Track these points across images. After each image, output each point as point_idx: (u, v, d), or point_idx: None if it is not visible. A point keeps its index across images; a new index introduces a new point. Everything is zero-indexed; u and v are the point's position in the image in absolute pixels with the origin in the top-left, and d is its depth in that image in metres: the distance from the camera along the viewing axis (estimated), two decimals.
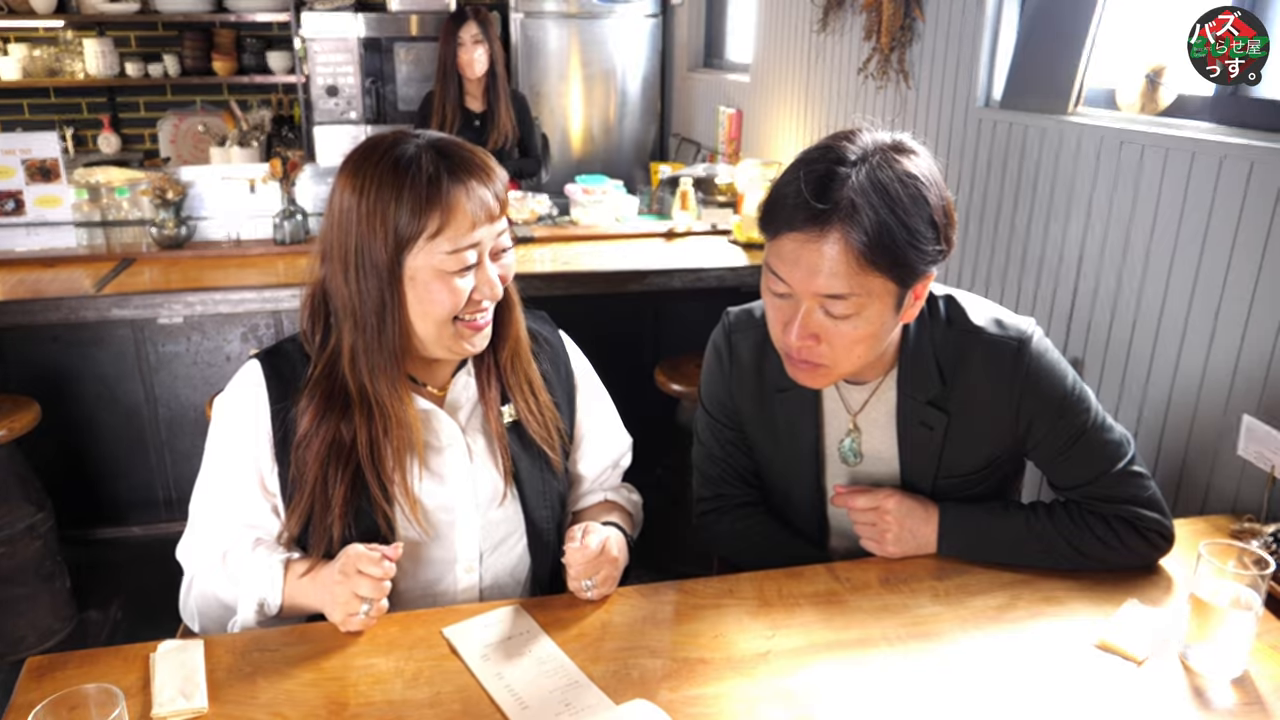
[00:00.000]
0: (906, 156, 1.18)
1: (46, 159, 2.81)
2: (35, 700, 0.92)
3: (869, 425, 1.40)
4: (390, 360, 1.23)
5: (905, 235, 1.14)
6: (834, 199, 1.14)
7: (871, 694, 1.08)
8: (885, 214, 1.13)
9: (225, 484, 1.28)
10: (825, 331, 1.21)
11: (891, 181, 1.15)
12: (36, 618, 2.53)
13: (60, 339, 2.85)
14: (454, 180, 1.18)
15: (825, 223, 1.14)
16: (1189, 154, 1.76)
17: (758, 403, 1.43)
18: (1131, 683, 1.11)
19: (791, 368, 1.28)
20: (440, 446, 1.31)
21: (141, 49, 5.30)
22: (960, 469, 1.37)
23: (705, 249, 3.05)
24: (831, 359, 1.24)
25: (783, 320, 1.24)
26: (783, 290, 1.22)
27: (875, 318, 1.20)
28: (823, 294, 1.18)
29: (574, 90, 4.88)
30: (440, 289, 1.20)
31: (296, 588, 1.22)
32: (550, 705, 1.06)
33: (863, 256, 1.14)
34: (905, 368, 1.34)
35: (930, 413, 1.34)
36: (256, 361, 1.29)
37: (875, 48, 2.83)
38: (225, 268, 2.82)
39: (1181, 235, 1.79)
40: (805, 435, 1.41)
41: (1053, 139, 2.12)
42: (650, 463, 1.46)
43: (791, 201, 1.17)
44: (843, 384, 1.39)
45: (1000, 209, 2.32)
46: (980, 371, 1.31)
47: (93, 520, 3.02)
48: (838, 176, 1.15)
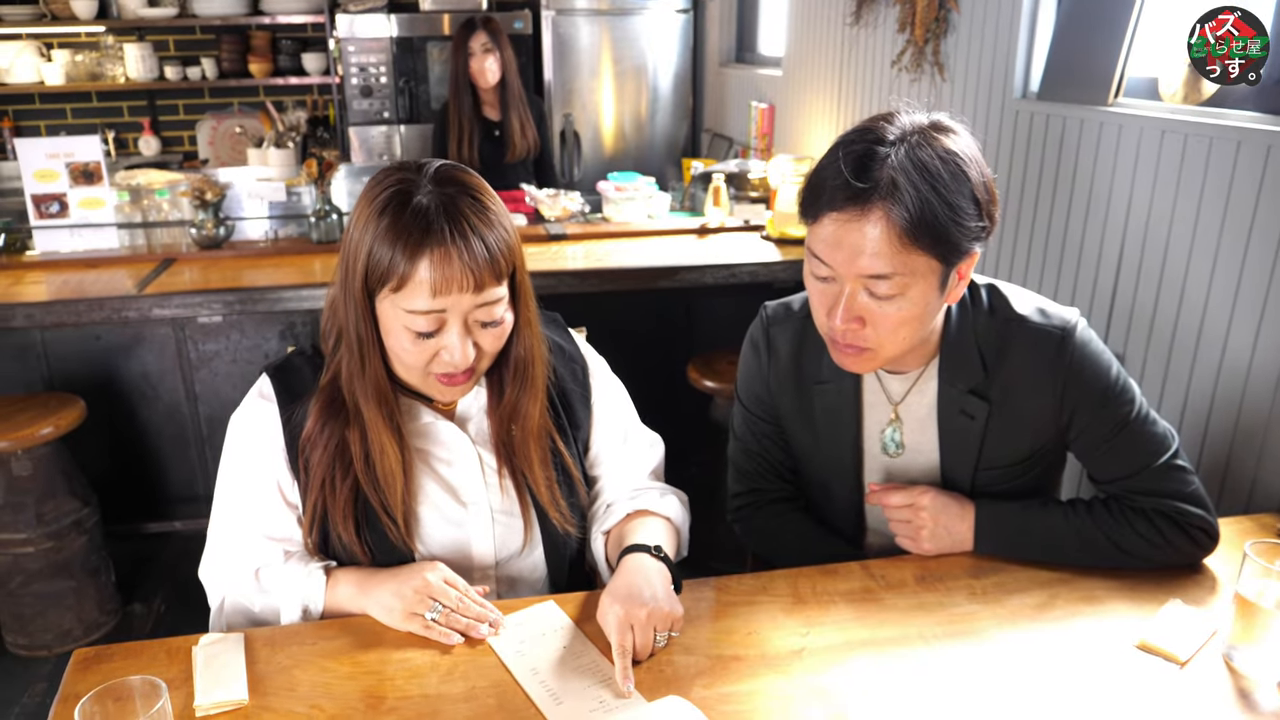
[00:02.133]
0: (946, 135, 1.18)
1: (89, 162, 2.86)
2: (82, 691, 0.95)
3: (910, 416, 1.38)
4: (374, 392, 1.21)
5: (947, 211, 1.14)
6: (874, 178, 1.13)
7: (907, 693, 1.07)
8: (926, 191, 1.12)
9: (246, 498, 1.26)
10: (870, 314, 1.20)
11: (931, 159, 1.14)
12: (83, 611, 2.58)
13: (103, 338, 2.90)
14: (429, 238, 1.10)
15: (866, 202, 1.14)
16: (1234, 143, 1.73)
17: (797, 396, 1.43)
18: (1173, 685, 1.09)
19: (836, 353, 1.28)
20: (450, 458, 1.29)
21: (180, 53, 5.38)
22: (1001, 460, 1.35)
23: (738, 245, 3.04)
24: (876, 342, 1.23)
25: (826, 305, 1.23)
26: (825, 274, 1.21)
27: (919, 298, 1.19)
28: (866, 275, 1.17)
29: (605, 87, 4.88)
30: (404, 341, 1.16)
31: (342, 593, 1.22)
32: (585, 701, 1.06)
33: (905, 234, 1.13)
34: (947, 356, 1.33)
35: (972, 401, 1.32)
36: (265, 376, 1.29)
37: (909, 40, 2.81)
38: (262, 267, 2.85)
39: (1227, 226, 1.75)
40: (845, 427, 1.39)
41: (1092, 130, 2.09)
42: (683, 460, 1.46)
43: (831, 183, 1.16)
44: (883, 374, 1.38)
45: (1038, 201, 2.28)
46: (1023, 360, 1.30)
47: (137, 515, 3.08)
48: (877, 156, 1.14)
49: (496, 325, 1.18)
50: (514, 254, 1.18)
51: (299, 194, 3.21)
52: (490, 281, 1.14)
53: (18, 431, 2.38)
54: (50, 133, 5.33)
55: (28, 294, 2.58)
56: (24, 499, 2.44)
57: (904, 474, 1.40)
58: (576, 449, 1.37)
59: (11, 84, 5.09)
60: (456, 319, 1.14)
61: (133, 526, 3.07)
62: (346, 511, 1.23)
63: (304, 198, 3.20)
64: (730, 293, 2.92)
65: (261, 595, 1.24)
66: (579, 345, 1.42)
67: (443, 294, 1.11)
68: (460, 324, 1.15)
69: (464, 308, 1.14)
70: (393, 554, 1.25)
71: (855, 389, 1.38)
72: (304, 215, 3.11)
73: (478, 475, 1.30)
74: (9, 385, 2.86)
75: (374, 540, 1.25)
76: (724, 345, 2.81)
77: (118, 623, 2.68)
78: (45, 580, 2.50)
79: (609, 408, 1.41)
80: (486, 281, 1.13)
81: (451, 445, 1.29)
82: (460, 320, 1.15)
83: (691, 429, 2.78)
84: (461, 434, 1.30)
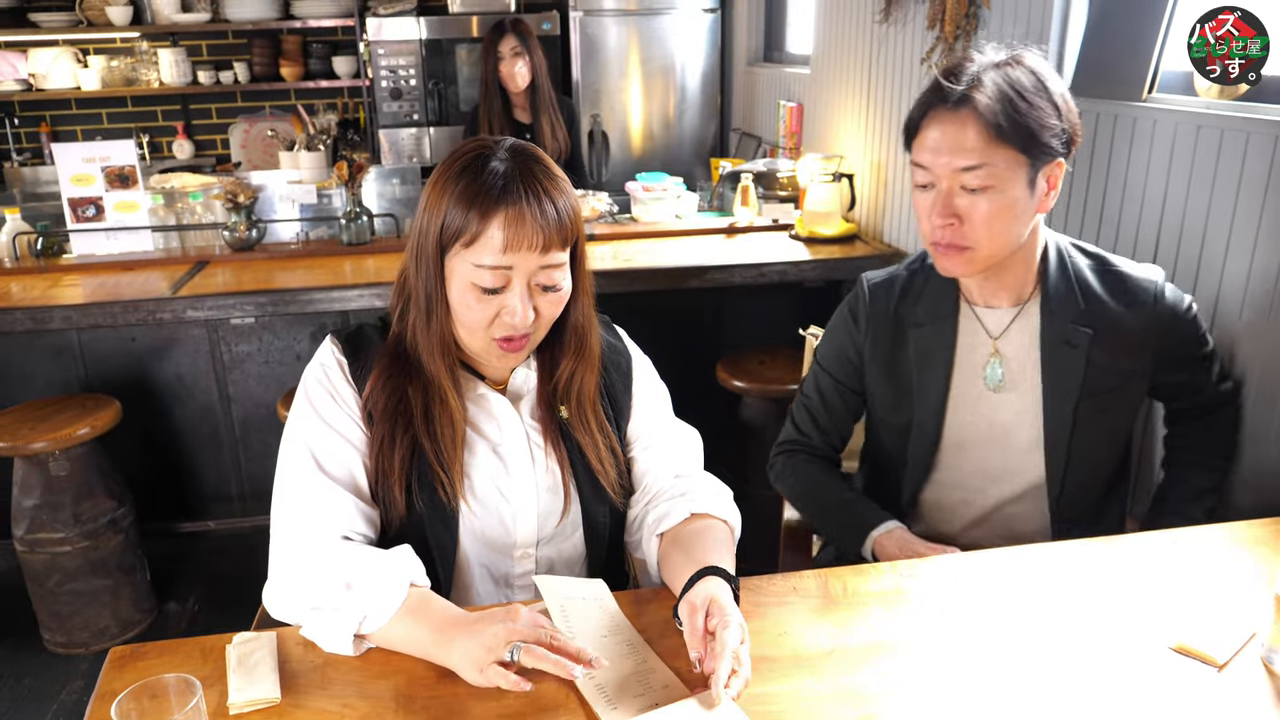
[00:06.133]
0: (1027, 58, 1.36)
1: (125, 166, 2.91)
2: (118, 689, 0.96)
3: (1009, 352, 1.48)
4: (440, 346, 1.26)
5: (1028, 107, 1.30)
6: (964, 79, 1.32)
7: (939, 694, 1.06)
8: (1009, 90, 1.30)
9: (322, 443, 1.25)
10: (964, 210, 1.34)
11: (1014, 68, 1.33)
12: (119, 609, 2.62)
13: (138, 340, 2.95)
14: (505, 197, 1.17)
15: (959, 101, 1.31)
16: (1272, 137, 1.70)
17: (891, 344, 1.53)
18: (1211, 688, 1.07)
19: (938, 256, 1.40)
20: (500, 433, 1.32)
21: (213, 57, 5.45)
22: (1101, 387, 1.46)
23: (766, 244, 3.03)
24: (974, 239, 1.35)
25: (927, 210, 1.37)
26: (925, 180, 1.36)
27: (1009, 191, 1.32)
28: (958, 168, 1.32)
29: (633, 87, 4.88)
30: (470, 299, 1.21)
31: (414, 633, 1.12)
32: (629, 687, 1.06)
33: (992, 128, 1.29)
34: (1048, 290, 1.45)
35: (1075, 331, 1.44)
36: (331, 337, 1.33)
37: (939, 37, 2.78)
38: (294, 269, 2.88)
39: (1265, 221, 1.72)
40: (937, 367, 1.49)
41: (1126, 126, 2.06)
42: (712, 460, 1.45)
43: (928, 93, 1.36)
44: (980, 309, 1.49)
45: (1071, 198, 2.26)
46: (1123, 300, 1.45)
47: (171, 515, 3.13)
48: (966, 67, 1.34)
49: (556, 291, 1.24)
50: (578, 223, 1.24)
51: (330, 196, 3.24)
52: (556, 244, 1.20)
53: (55, 432, 2.42)
54: (86, 137, 5.42)
55: (65, 296, 2.62)
56: (61, 499, 2.48)
57: (998, 412, 1.49)
58: (619, 436, 1.40)
59: (49, 90, 5.19)
60: (521, 279, 1.20)
61: (167, 526, 3.11)
62: (402, 469, 1.25)
63: (335, 200, 3.23)
64: (759, 293, 2.92)
65: (336, 575, 1.15)
66: (624, 340, 1.46)
67: (512, 250, 1.17)
68: (524, 284, 1.20)
69: (529, 268, 1.20)
70: (441, 514, 1.27)
71: (951, 328, 1.49)
72: (335, 217, 3.14)
73: (525, 451, 1.33)
74: (47, 387, 2.91)
75: (424, 499, 1.26)
76: (753, 345, 2.81)
77: (153, 621, 2.71)
78: (82, 579, 2.54)
79: (650, 398, 1.44)
80: (553, 243, 1.19)
81: (502, 420, 1.33)
82: (524, 280, 1.20)
83: (721, 429, 2.77)
84: (512, 409, 1.33)
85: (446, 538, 1.28)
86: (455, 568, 1.31)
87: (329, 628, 1.12)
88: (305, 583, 1.17)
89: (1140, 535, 1.39)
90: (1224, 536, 1.36)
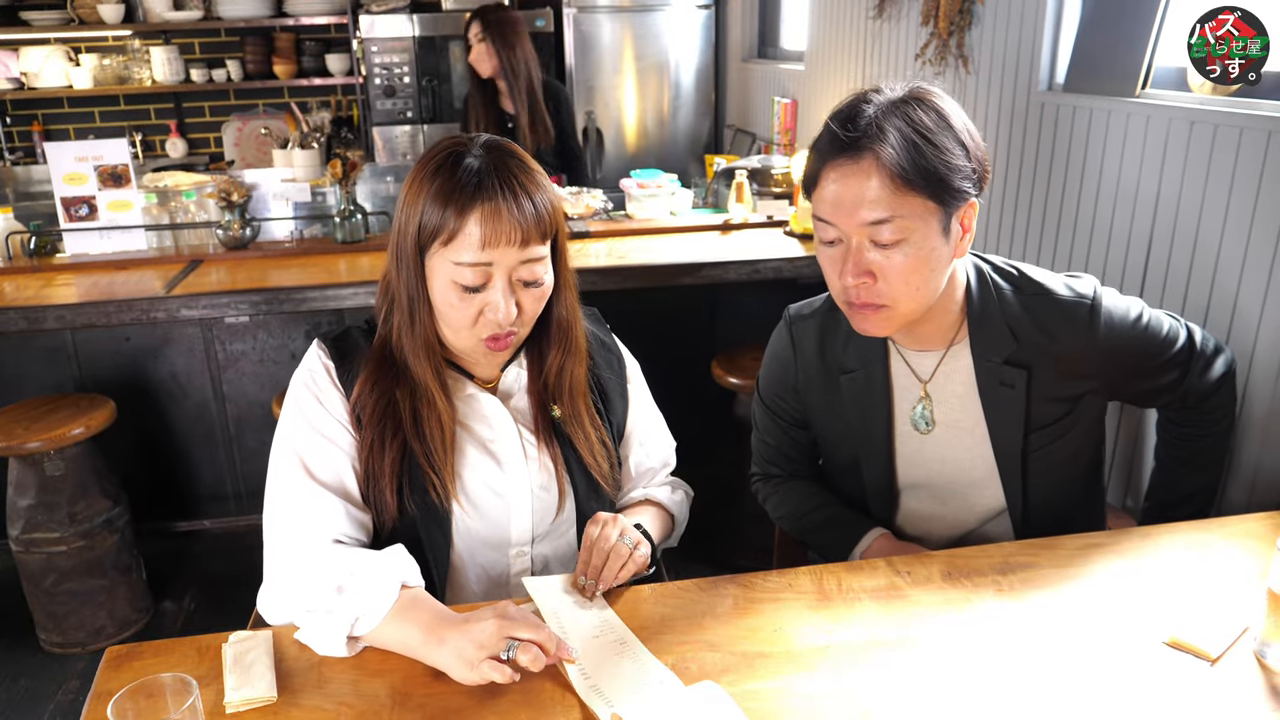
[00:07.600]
0: (927, 93, 1.25)
1: (118, 165, 2.90)
2: (115, 688, 0.96)
3: (943, 394, 1.40)
4: (425, 348, 1.26)
5: (934, 151, 1.19)
6: (861, 126, 1.20)
7: (933, 690, 1.07)
8: (910, 133, 1.19)
9: (310, 448, 1.25)
10: (878, 267, 1.24)
11: (913, 107, 1.22)
12: (115, 608, 2.62)
13: (133, 339, 2.94)
14: (481, 192, 1.17)
15: (857, 150, 1.20)
16: (1265, 133, 1.70)
17: (824, 389, 1.46)
18: (1204, 682, 1.08)
19: (854, 316, 1.31)
20: (491, 432, 1.33)
21: (205, 55, 5.43)
22: (1049, 418, 1.38)
23: (761, 241, 3.03)
24: (890, 296, 1.25)
25: (837, 268, 1.27)
26: (832, 236, 1.26)
27: (923, 243, 1.22)
28: (867, 222, 1.21)
29: (627, 84, 4.87)
30: (452, 297, 1.21)
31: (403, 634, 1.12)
32: (623, 684, 1.06)
33: (897, 177, 1.19)
34: (975, 332, 1.36)
35: (1009, 371, 1.35)
36: (318, 341, 1.33)
37: (933, 33, 2.78)
38: (288, 267, 2.87)
39: (1258, 217, 1.73)
40: (875, 411, 1.42)
41: (1119, 121, 2.07)
42: (706, 456, 1.46)
43: (824, 144, 1.24)
44: (908, 352, 1.41)
45: (1065, 193, 2.26)
46: (1055, 330, 1.35)
47: (167, 514, 3.12)
48: (862, 111, 1.22)
49: (538, 286, 1.24)
50: (556, 217, 1.24)
51: (324, 194, 3.24)
52: (535, 239, 1.20)
53: (50, 432, 2.41)
54: (79, 136, 5.40)
55: (58, 296, 2.61)
56: (56, 499, 2.48)
57: (945, 449, 1.42)
58: (611, 433, 1.41)
59: (41, 88, 5.17)
60: (501, 274, 1.20)
61: (163, 525, 3.11)
62: (392, 472, 1.25)
63: (329, 198, 3.22)
64: (754, 289, 2.91)
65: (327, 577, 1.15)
66: (615, 340, 1.48)
67: (491, 246, 1.17)
68: (505, 280, 1.20)
69: (509, 263, 1.20)
70: (434, 516, 1.27)
71: (883, 372, 1.41)
72: (329, 215, 3.13)
73: (518, 449, 1.33)
74: (41, 386, 2.90)
75: (416, 501, 1.26)
76: (748, 341, 2.80)
77: (149, 620, 2.71)
78: (78, 579, 2.53)
79: (642, 401, 1.47)
80: (532, 237, 1.20)
81: (493, 419, 1.33)
82: (505, 276, 1.20)
83: (715, 425, 2.77)
84: (503, 408, 1.33)
85: (440, 539, 1.29)
86: (450, 568, 1.31)
87: (322, 631, 1.12)
88: (297, 588, 1.17)
89: (1133, 530, 1.40)
90: (1217, 531, 1.37)
